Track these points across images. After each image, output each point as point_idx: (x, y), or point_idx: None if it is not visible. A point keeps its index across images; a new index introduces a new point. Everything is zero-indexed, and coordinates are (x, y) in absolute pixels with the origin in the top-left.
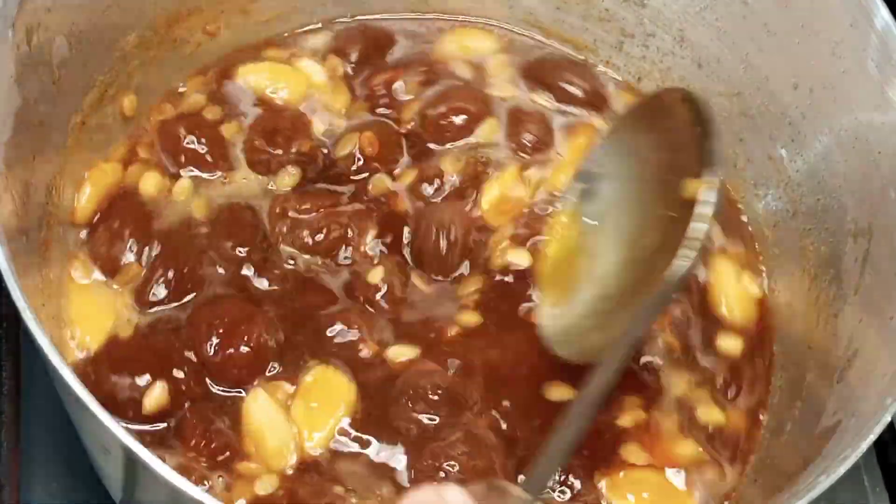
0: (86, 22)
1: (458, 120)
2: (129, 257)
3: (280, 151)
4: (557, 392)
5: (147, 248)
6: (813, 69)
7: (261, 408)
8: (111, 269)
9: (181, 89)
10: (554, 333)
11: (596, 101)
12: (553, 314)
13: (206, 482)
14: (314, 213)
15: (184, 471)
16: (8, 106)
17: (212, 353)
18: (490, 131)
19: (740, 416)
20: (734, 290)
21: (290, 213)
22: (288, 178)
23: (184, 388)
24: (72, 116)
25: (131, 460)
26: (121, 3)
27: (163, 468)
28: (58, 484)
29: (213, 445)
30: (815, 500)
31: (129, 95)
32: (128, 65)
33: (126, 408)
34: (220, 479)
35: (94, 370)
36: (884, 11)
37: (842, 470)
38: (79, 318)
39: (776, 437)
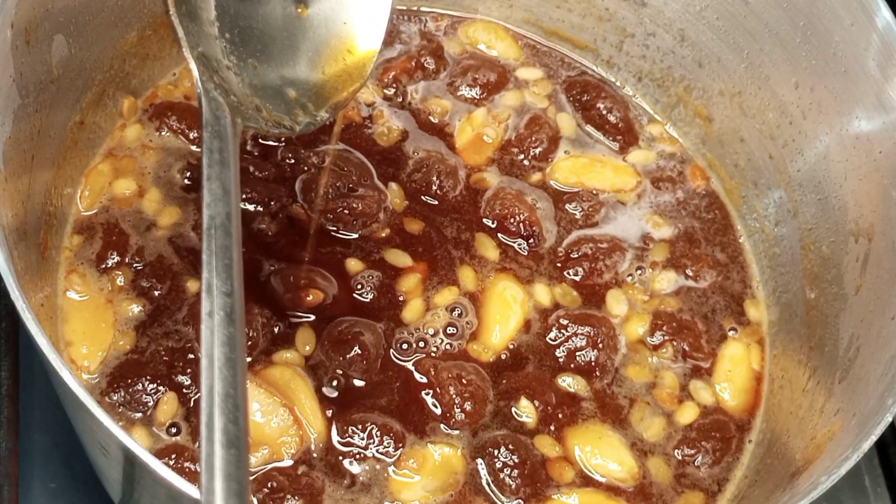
0: (85, 21)
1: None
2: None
3: None
4: None
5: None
6: (814, 68)
7: None
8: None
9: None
10: None
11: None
12: None
13: None
14: None
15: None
16: (7, 105)
17: None
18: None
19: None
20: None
21: None
22: None
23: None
24: (71, 116)
25: (129, 460)
26: (120, 3)
27: (161, 468)
28: (57, 484)
29: None
30: (816, 500)
31: (128, 98)
32: (127, 64)
33: None
34: None
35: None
36: (885, 11)
37: (843, 470)
38: (79, 335)
39: (777, 439)
